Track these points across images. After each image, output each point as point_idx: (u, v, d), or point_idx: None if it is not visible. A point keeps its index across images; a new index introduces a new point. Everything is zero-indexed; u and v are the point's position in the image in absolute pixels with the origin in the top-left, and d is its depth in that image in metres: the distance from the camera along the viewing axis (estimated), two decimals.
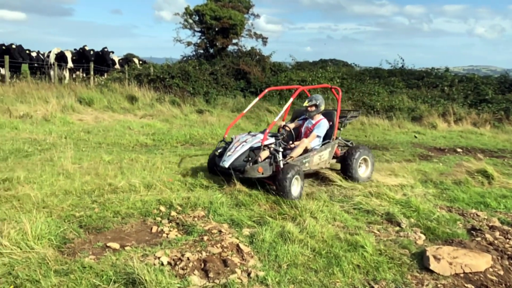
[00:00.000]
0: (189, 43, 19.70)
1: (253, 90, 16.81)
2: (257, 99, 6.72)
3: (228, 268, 3.42)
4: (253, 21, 20.65)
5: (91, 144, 8.24)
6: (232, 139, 5.95)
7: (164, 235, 4.10)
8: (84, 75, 18.71)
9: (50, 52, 18.68)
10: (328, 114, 6.51)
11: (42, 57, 19.28)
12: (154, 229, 4.23)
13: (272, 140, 5.68)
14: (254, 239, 3.97)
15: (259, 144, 5.56)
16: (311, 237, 4.08)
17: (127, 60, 22.28)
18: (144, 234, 4.15)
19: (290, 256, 3.70)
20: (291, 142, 6.36)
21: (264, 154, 5.60)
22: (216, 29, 18.84)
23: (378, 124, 13.28)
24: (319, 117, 6.39)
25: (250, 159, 5.46)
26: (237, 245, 3.79)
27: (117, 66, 20.04)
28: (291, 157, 5.73)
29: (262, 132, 5.93)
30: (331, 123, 6.37)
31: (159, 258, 3.45)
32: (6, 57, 14.59)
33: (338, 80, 17.18)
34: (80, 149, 7.56)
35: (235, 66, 17.87)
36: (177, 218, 4.46)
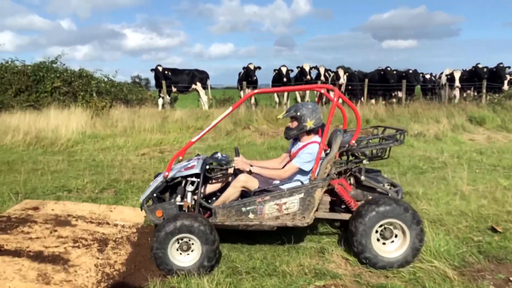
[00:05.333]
0: None
1: None
2: (229, 109, 3.87)
3: None
4: None
5: (484, 165, 7.87)
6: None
7: None
8: (475, 93, 18.11)
9: (441, 73, 19.31)
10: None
11: (433, 78, 20.19)
12: None
13: (196, 170, 3.83)
14: None
15: (184, 173, 3.89)
16: None
17: None
18: None
19: None
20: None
21: (213, 187, 4.10)
22: None
23: None
24: (311, 138, 4.00)
25: (154, 196, 3.94)
26: None
27: (505, 86, 18.11)
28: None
29: (211, 156, 4.21)
30: (328, 150, 3.88)
31: None
32: (404, 82, 16.24)
33: None
34: (473, 171, 7.38)
35: None
36: None
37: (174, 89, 17.06)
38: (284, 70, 16.46)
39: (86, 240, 4.20)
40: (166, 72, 16.73)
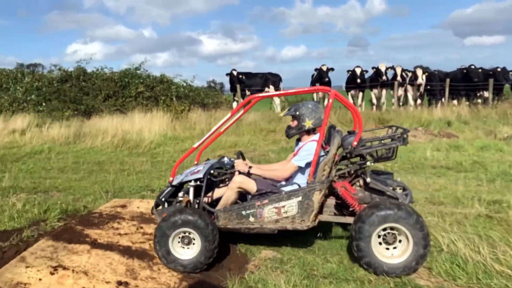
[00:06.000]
0: None
1: None
2: (228, 115, 4.12)
3: None
4: None
5: None
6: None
7: None
8: None
9: None
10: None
11: None
12: None
13: (199, 175, 3.98)
14: None
15: (189, 178, 4.06)
16: None
17: None
18: None
19: None
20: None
21: (220, 191, 4.20)
22: None
23: None
24: (311, 137, 4.01)
25: (162, 200, 4.14)
26: None
27: None
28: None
29: (218, 161, 4.40)
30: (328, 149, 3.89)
31: None
32: (491, 81, 15.05)
33: None
34: None
35: None
36: None
37: (248, 93, 17.42)
38: (358, 71, 16.06)
39: None
40: (240, 76, 17.15)
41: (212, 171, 4.10)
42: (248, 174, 4.05)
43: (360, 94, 16.39)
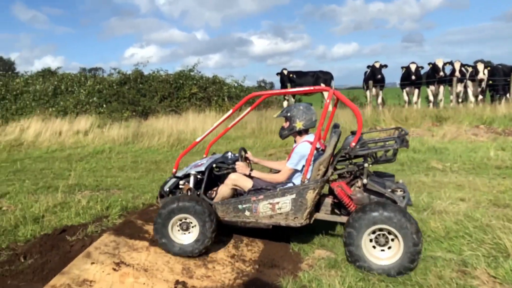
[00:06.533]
0: None
1: None
2: (229, 112, 4.36)
3: None
4: None
5: None
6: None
7: None
8: None
9: None
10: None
11: None
12: None
13: (202, 168, 4.19)
14: None
15: (192, 171, 4.23)
16: None
17: None
18: None
19: None
20: None
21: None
22: None
23: None
24: (303, 138, 4.06)
25: (166, 190, 4.35)
26: None
27: None
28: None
29: (222, 155, 4.65)
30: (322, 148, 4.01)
31: None
32: None
33: None
34: None
35: None
36: None
37: None
38: (413, 67, 15.46)
39: (223, 236, 4.53)
40: (291, 75, 17.11)
41: (214, 165, 4.33)
42: (249, 176, 4.19)
43: (416, 91, 15.76)
